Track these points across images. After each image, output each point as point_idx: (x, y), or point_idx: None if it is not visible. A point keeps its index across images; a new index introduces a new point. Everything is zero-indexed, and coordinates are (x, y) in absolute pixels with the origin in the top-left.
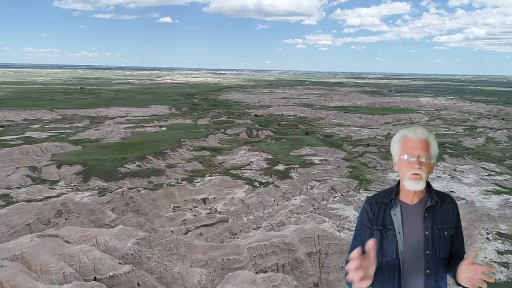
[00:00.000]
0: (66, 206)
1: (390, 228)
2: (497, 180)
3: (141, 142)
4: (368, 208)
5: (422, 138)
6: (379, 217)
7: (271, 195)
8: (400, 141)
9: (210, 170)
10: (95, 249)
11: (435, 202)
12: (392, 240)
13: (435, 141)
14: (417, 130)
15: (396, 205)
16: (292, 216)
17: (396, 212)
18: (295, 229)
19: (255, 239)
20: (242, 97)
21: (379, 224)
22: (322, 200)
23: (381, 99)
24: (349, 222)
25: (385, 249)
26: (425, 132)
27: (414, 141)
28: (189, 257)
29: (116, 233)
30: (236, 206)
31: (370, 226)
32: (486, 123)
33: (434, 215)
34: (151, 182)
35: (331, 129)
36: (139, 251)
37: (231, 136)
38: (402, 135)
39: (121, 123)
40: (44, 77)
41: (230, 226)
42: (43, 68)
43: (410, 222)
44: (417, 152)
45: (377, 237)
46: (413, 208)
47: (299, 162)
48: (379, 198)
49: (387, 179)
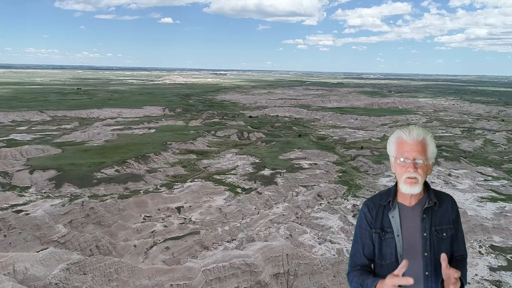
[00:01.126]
0: (7, 222)
1: (388, 231)
2: (493, 186)
3: (124, 145)
4: (366, 211)
5: (418, 140)
6: (378, 220)
7: (253, 202)
8: (395, 142)
9: (193, 175)
10: (6, 279)
11: (433, 203)
12: (390, 243)
13: (433, 141)
14: (412, 131)
15: (394, 208)
16: (272, 226)
17: (394, 214)
18: (260, 247)
19: (213, 260)
20: (239, 97)
21: (377, 227)
22: (306, 208)
23: (380, 99)
24: (331, 233)
25: (384, 253)
26: (421, 133)
27: (409, 143)
28: (132, 283)
29: (42, 257)
30: (213, 215)
31: (369, 229)
32: (485, 125)
33: (433, 216)
34: (128, 189)
35: (326, 131)
36: (67, 279)
37: (221, 139)
38: (397, 136)
39: (109, 124)
40: (43, 78)
41: (202, 238)
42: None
43: (409, 224)
44: (412, 155)
45: (376, 240)
46: (411, 210)
47: (287, 167)
48: (377, 200)
49: (377, 184)
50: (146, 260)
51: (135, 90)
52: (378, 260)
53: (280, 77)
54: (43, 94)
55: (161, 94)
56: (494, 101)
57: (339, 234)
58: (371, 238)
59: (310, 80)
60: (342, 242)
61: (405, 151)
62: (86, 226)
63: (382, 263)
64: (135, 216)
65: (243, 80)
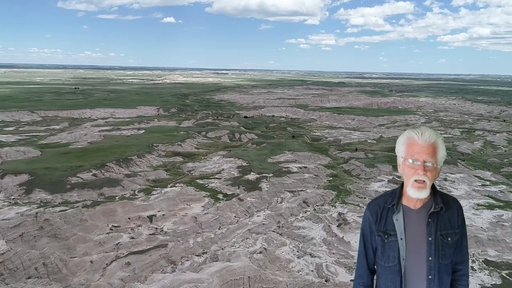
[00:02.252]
0: None
1: (392, 234)
2: (491, 191)
3: (108, 148)
4: (369, 215)
5: (430, 142)
6: (381, 222)
7: (233, 210)
8: (405, 143)
9: (175, 180)
10: None
11: (439, 208)
12: (394, 246)
13: (443, 145)
14: (425, 132)
15: (398, 211)
16: (250, 237)
17: (398, 217)
18: (218, 269)
19: (160, 286)
20: (237, 97)
21: (380, 230)
22: (290, 216)
23: (380, 99)
24: (313, 245)
25: (386, 255)
26: (433, 135)
27: (421, 144)
28: None
29: None
30: (187, 225)
31: (372, 232)
32: (485, 125)
33: (438, 221)
34: (102, 194)
35: (321, 131)
36: None
37: (212, 140)
38: (408, 136)
39: (99, 125)
40: (44, 77)
41: (169, 252)
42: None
43: (413, 227)
44: (423, 157)
45: (379, 243)
46: (416, 213)
47: (274, 170)
48: (381, 202)
49: (368, 190)
50: (102, 278)
51: (133, 90)
52: (381, 261)
53: (281, 77)
54: (39, 94)
55: (159, 94)
56: (496, 101)
57: (320, 246)
58: (374, 243)
59: (312, 80)
60: (323, 255)
61: (416, 153)
62: (39, 240)
63: (385, 265)
64: (101, 226)
65: (244, 80)
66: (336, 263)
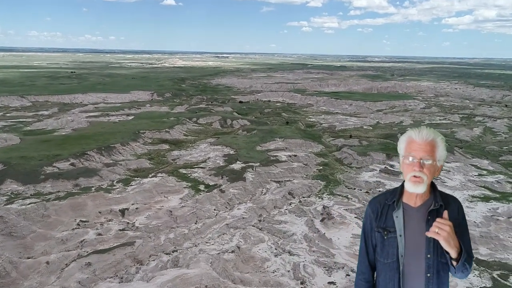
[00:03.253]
0: None
1: (391, 231)
2: (488, 182)
3: (92, 135)
4: (370, 212)
5: (427, 140)
6: (381, 219)
7: (213, 202)
8: (405, 142)
9: (157, 169)
10: None
11: (439, 205)
12: (393, 243)
13: (443, 143)
14: (422, 131)
15: (398, 207)
16: (227, 233)
17: (398, 214)
18: (171, 278)
19: None
20: (235, 82)
21: (380, 226)
22: (273, 209)
23: (380, 84)
24: (293, 242)
25: (386, 252)
26: (431, 134)
27: (418, 142)
28: None
29: None
30: (160, 219)
31: (372, 228)
32: (486, 111)
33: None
34: (78, 185)
35: (316, 117)
36: None
37: (202, 126)
38: (407, 135)
39: (87, 111)
40: (41, 61)
41: (136, 250)
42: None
43: (413, 225)
44: (420, 154)
45: (378, 239)
46: (416, 211)
47: (262, 159)
48: (382, 199)
49: (358, 180)
50: (58, 280)
51: (130, 74)
52: (380, 258)
53: (283, 60)
54: (33, 78)
55: (155, 78)
56: (499, 85)
57: (301, 243)
58: (375, 240)
59: (313, 63)
60: (302, 254)
61: (413, 150)
62: None
63: (384, 261)
64: (66, 222)
65: (245, 63)
66: (315, 262)
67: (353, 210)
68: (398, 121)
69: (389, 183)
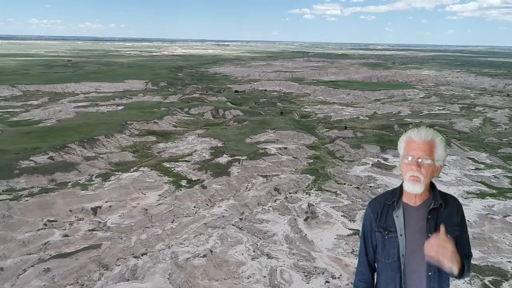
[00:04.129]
0: None
1: (392, 231)
2: (485, 176)
3: (77, 126)
4: (370, 212)
5: (426, 140)
6: (382, 219)
7: (193, 199)
8: (404, 141)
9: (140, 162)
10: None
11: (438, 204)
12: (393, 243)
13: (443, 143)
14: (421, 131)
15: (398, 207)
16: (204, 233)
17: (398, 214)
18: None
19: None
20: (233, 70)
21: (380, 226)
22: (256, 206)
23: (380, 72)
24: (273, 243)
25: (386, 251)
26: (430, 134)
27: (417, 142)
28: None
29: None
30: (134, 218)
31: (373, 228)
32: (487, 101)
33: (438, 217)
34: (54, 181)
35: (312, 107)
36: None
37: (193, 117)
38: (407, 135)
39: (77, 101)
40: (39, 49)
41: (102, 254)
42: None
43: (413, 224)
44: (418, 154)
45: (379, 239)
46: (416, 210)
47: (250, 152)
48: (382, 199)
49: (349, 175)
50: None
51: (127, 63)
52: (381, 258)
53: (284, 48)
54: (27, 67)
55: (152, 66)
56: (502, 74)
57: (281, 244)
58: (375, 241)
59: (314, 51)
60: (282, 257)
61: (412, 150)
62: None
63: (385, 261)
64: (31, 222)
65: (245, 52)
66: (294, 267)
67: (340, 208)
68: (396, 111)
69: (381, 178)
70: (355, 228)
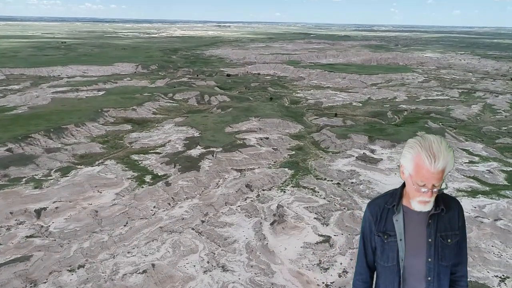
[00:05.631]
0: None
1: (391, 235)
2: (478, 171)
3: (48, 113)
4: (369, 215)
5: (441, 169)
6: (381, 223)
7: (154, 198)
8: (414, 162)
9: (107, 154)
10: None
11: (440, 209)
12: (393, 247)
13: (453, 159)
14: (439, 159)
15: (398, 211)
16: (157, 239)
17: (398, 218)
18: None
19: None
20: (230, 52)
21: (380, 230)
22: (223, 206)
23: (380, 55)
24: (231, 252)
25: (386, 255)
26: (445, 159)
27: (432, 172)
28: None
29: None
30: (81, 222)
31: (372, 232)
32: (489, 85)
33: (438, 222)
34: (7, 176)
35: (304, 92)
36: None
37: (177, 103)
38: (419, 157)
39: (59, 85)
40: (36, 31)
41: (29, 268)
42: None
43: (413, 228)
44: (432, 182)
45: (378, 243)
46: (417, 214)
47: (226, 143)
48: (382, 202)
49: (330, 169)
50: None
51: (121, 44)
52: (380, 261)
53: (286, 30)
54: (18, 49)
55: (147, 48)
56: (507, 56)
57: (240, 254)
58: (374, 243)
59: (317, 33)
60: (238, 269)
61: (425, 179)
62: None
63: (384, 265)
64: None
65: (246, 33)
66: (249, 283)
67: (314, 209)
68: (392, 97)
69: (364, 172)
70: (326, 234)
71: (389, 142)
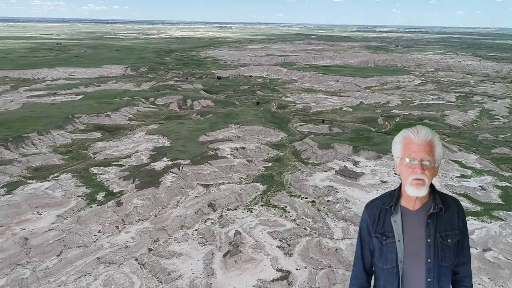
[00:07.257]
0: None
1: (390, 236)
2: (470, 188)
3: (12, 120)
4: (367, 216)
5: (426, 140)
6: (379, 224)
7: (101, 221)
8: (401, 142)
9: (65, 167)
10: None
11: (438, 208)
12: (391, 248)
13: (440, 142)
14: (421, 131)
15: (396, 212)
16: (91, 273)
17: (396, 219)
18: None
19: None
20: (225, 54)
21: (378, 232)
22: (177, 230)
23: (378, 56)
24: None
25: (384, 257)
26: (429, 133)
27: (417, 143)
28: None
29: None
30: (5, 252)
31: (370, 234)
32: (488, 89)
33: (438, 222)
34: None
35: (294, 96)
36: None
37: (157, 108)
38: (404, 135)
39: (37, 89)
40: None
41: None
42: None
43: (411, 229)
44: (420, 155)
45: (376, 244)
46: (415, 214)
47: (196, 155)
48: (379, 203)
49: (306, 184)
50: None
51: (117, 46)
52: (378, 263)
53: (287, 31)
54: (9, 51)
55: (142, 49)
56: (509, 58)
57: None
58: (372, 245)
59: (317, 34)
60: None
61: (412, 151)
62: None
63: (383, 267)
64: None
65: (246, 34)
66: None
67: (279, 234)
68: (385, 101)
69: (342, 189)
70: (285, 269)
71: (374, 153)
